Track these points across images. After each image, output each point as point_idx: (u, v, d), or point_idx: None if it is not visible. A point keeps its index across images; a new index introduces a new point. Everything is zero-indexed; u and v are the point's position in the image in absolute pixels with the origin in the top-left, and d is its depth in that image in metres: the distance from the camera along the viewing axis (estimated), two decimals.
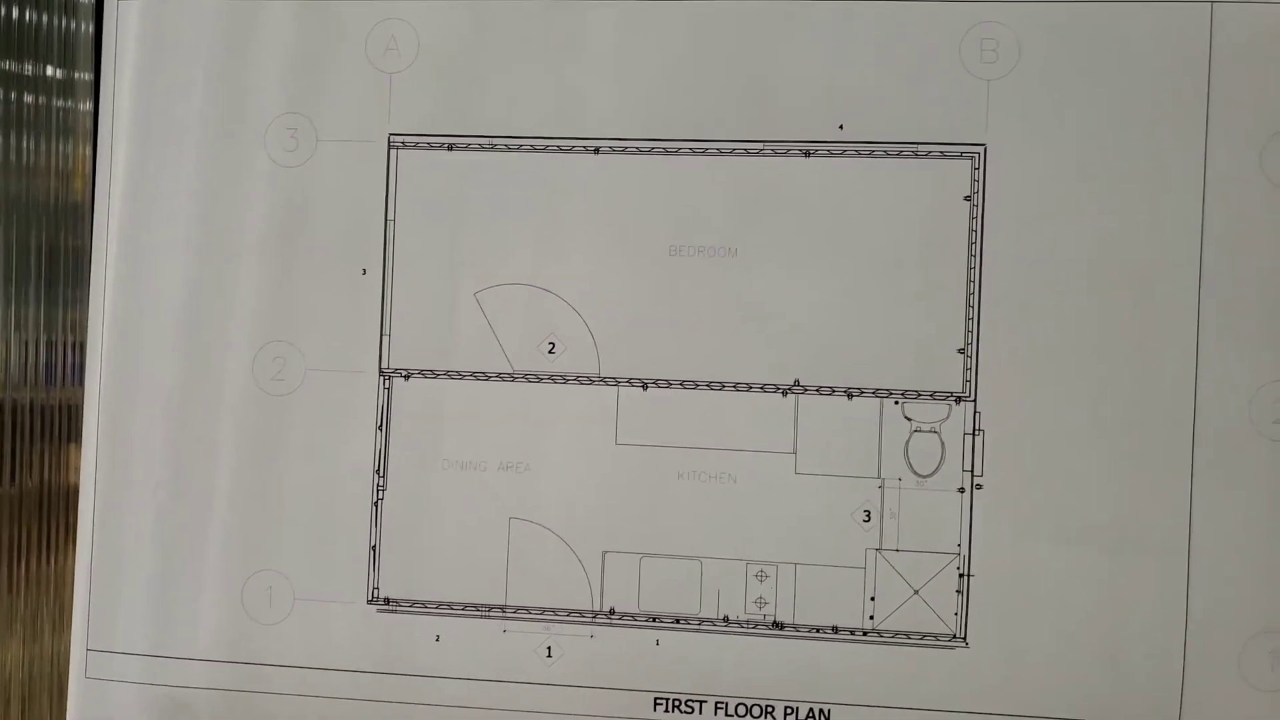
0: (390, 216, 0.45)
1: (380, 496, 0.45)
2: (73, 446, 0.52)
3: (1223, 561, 0.41)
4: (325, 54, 0.45)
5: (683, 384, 0.44)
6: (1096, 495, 0.42)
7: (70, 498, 0.51)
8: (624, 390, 0.44)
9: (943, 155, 0.43)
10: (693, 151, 0.44)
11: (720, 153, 0.44)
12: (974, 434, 0.42)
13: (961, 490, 0.42)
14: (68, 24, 0.52)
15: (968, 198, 0.42)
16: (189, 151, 0.46)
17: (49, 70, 0.51)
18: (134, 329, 0.46)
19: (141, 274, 0.46)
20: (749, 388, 0.44)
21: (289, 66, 0.45)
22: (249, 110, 0.45)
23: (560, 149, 0.44)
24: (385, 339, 0.45)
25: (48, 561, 0.52)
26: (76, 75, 0.52)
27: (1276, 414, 0.41)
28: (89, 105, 0.50)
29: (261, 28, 0.45)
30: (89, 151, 0.49)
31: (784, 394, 0.43)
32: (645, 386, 0.44)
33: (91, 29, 0.50)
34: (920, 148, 0.43)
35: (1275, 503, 0.41)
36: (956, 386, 0.43)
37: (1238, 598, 0.41)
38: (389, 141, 0.45)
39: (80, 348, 0.50)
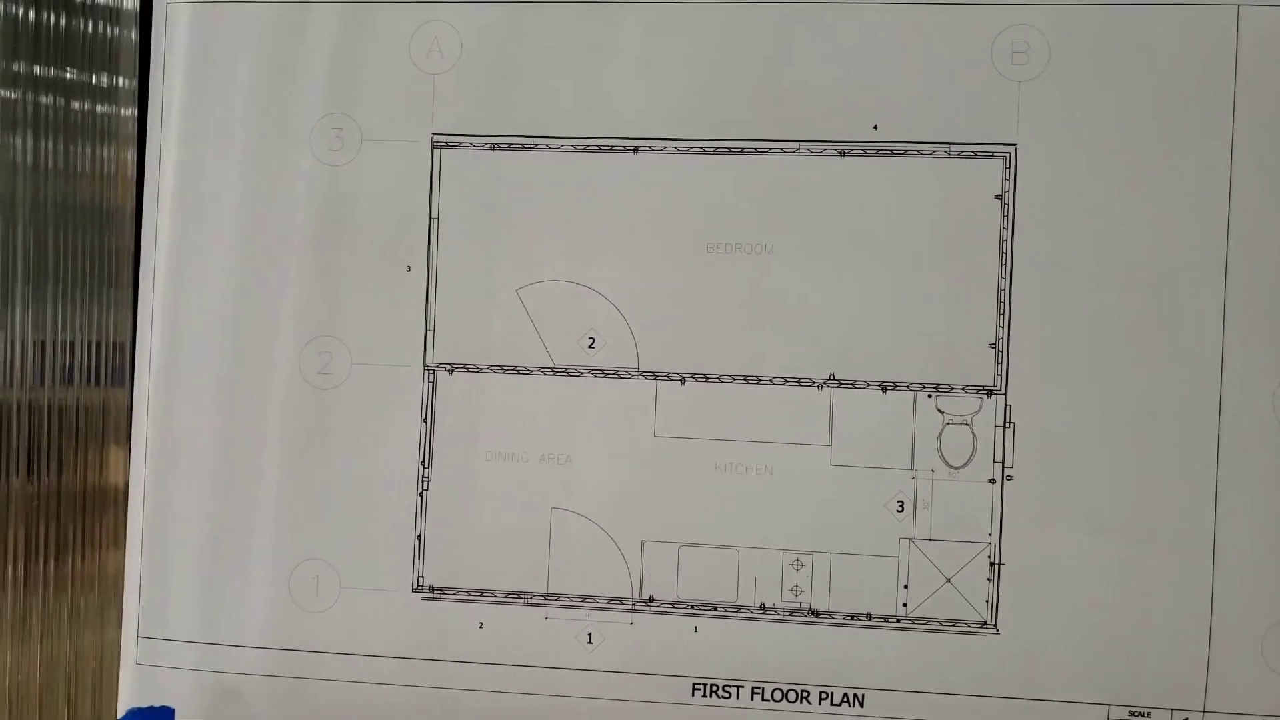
0: (434, 214, 0.46)
1: (425, 487, 0.46)
2: (114, 446, 0.53)
3: (1246, 550, 0.42)
4: (369, 56, 0.46)
5: (720, 378, 0.45)
6: (1123, 486, 0.43)
7: (111, 497, 0.52)
8: (662, 384, 0.45)
9: (974, 155, 0.44)
10: (729, 151, 0.45)
11: (756, 152, 0.45)
12: (1005, 426, 0.43)
13: (992, 481, 0.44)
14: (113, 31, 0.53)
15: (999, 196, 0.44)
16: (236, 152, 0.47)
17: (94, 77, 0.53)
18: (182, 327, 0.47)
19: (189, 273, 0.47)
20: (785, 381, 0.45)
21: (334, 68, 0.46)
22: (294, 111, 0.46)
23: (600, 149, 0.45)
24: (429, 334, 0.46)
25: (91, 559, 0.53)
26: (121, 81, 0.53)
27: None
28: (132, 110, 0.51)
29: (307, 31, 0.46)
30: (131, 156, 0.50)
31: (819, 388, 0.45)
32: (683, 380, 0.45)
33: (136, 36, 0.51)
34: (953, 147, 0.44)
35: None
36: (988, 380, 0.44)
37: (1261, 586, 0.42)
38: (433, 141, 0.46)
39: (122, 349, 0.51)
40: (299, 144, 0.46)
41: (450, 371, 0.46)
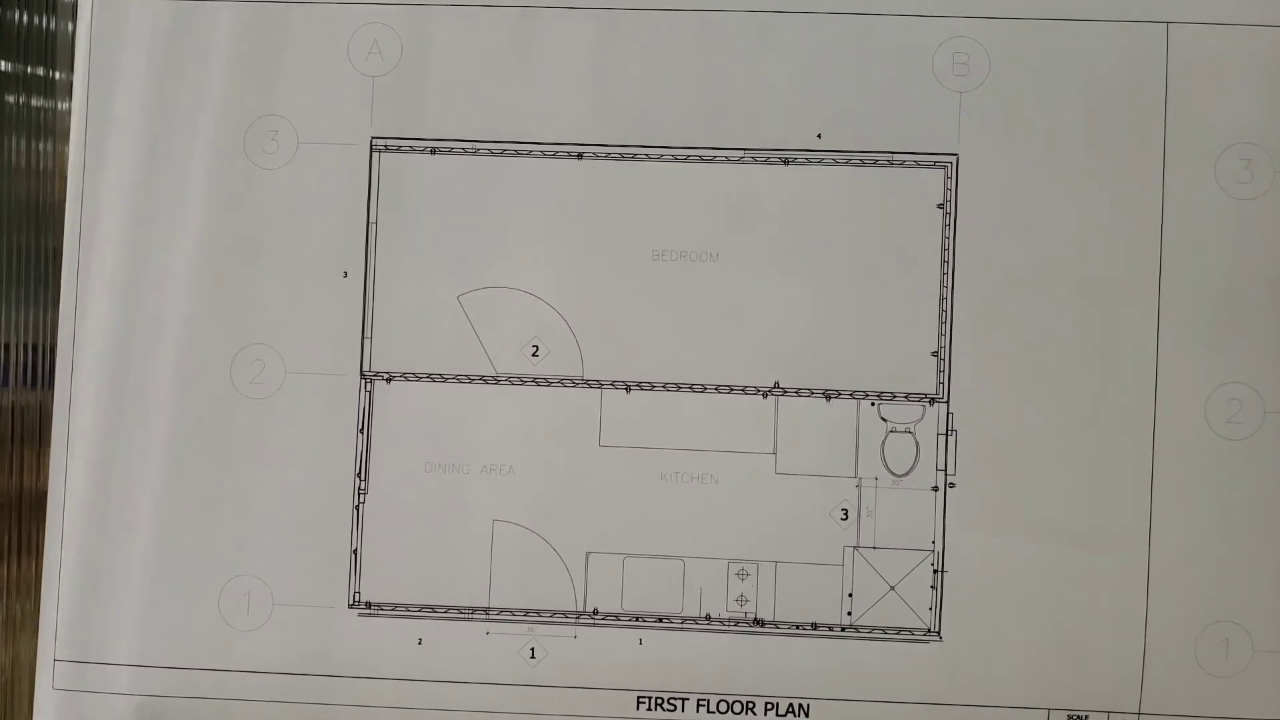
0: (372, 219, 0.45)
1: (361, 500, 0.45)
2: (47, 451, 0.50)
3: (1180, 555, 0.43)
4: (307, 56, 0.45)
5: (665, 386, 0.45)
6: (1062, 492, 0.44)
7: (42, 503, 0.50)
8: (607, 393, 0.45)
9: (917, 164, 0.44)
10: (675, 158, 0.45)
11: (702, 160, 0.45)
12: (947, 434, 0.44)
13: (935, 489, 0.44)
14: (49, 22, 0.51)
15: (940, 206, 0.44)
16: (166, 152, 0.45)
17: (29, 69, 0.50)
18: (108, 331, 0.45)
19: (116, 276, 0.45)
20: (730, 390, 0.45)
21: (269, 69, 0.45)
22: (229, 112, 0.45)
23: (544, 154, 0.45)
24: (367, 341, 0.45)
25: (16, 567, 0.50)
26: (57, 74, 0.51)
27: (1229, 414, 0.43)
28: (69, 105, 0.49)
29: (243, 29, 0.45)
30: (69, 151, 0.48)
31: (764, 396, 0.44)
32: (628, 389, 0.45)
33: (72, 28, 0.49)
34: (895, 157, 0.44)
35: (1228, 499, 0.43)
36: (930, 388, 0.44)
37: (1194, 590, 0.43)
38: (371, 144, 0.45)
39: (57, 351, 0.49)
40: (233, 146, 0.45)
41: (388, 380, 0.45)
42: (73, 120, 0.46)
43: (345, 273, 0.45)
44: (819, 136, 0.44)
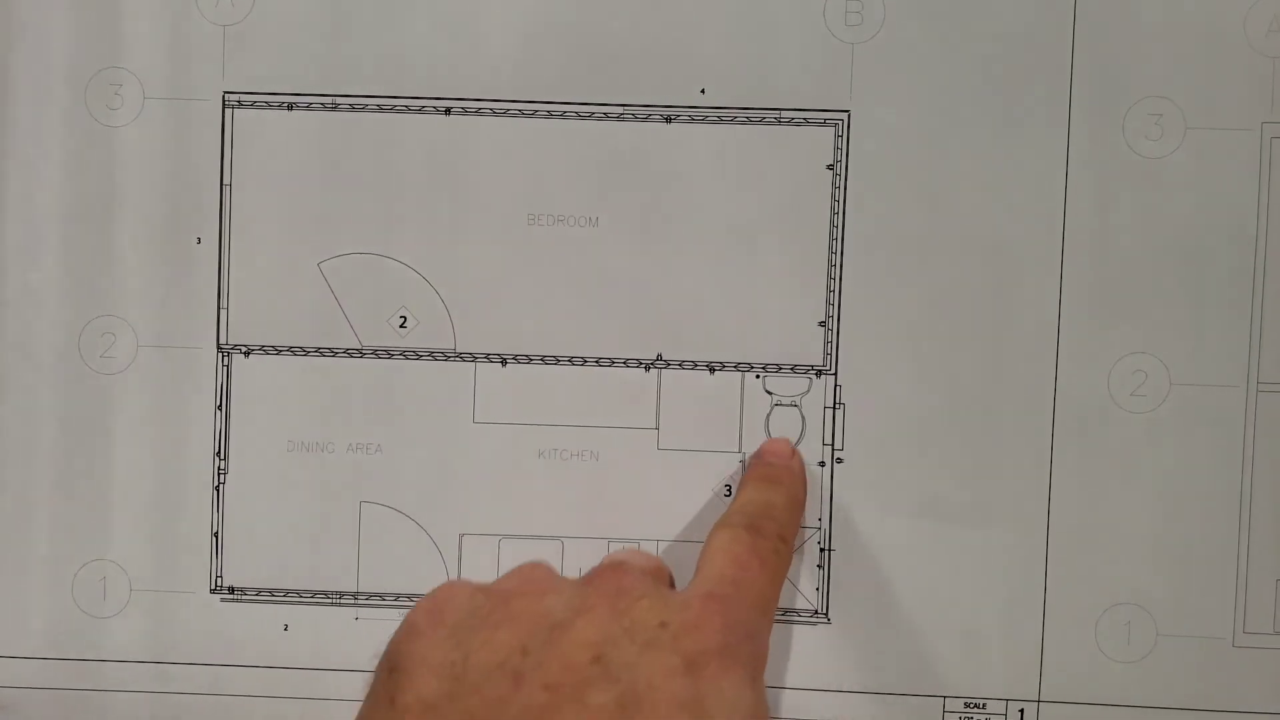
0: (226, 181, 0.42)
1: (222, 480, 0.42)
2: None
3: (1080, 534, 0.41)
4: (151, 4, 0.42)
5: (543, 359, 0.42)
6: (957, 469, 0.41)
7: None
8: (481, 366, 0.42)
9: (805, 122, 0.41)
10: (550, 115, 0.42)
11: (579, 117, 0.42)
12: (834, 408, 0.41)
13: (822, 464, 0.42)
14: None
15: (830, 166, 0.41)
16: (1, 109, 0.42)
17: None
18: None
19: None
20: (611, 363, 0.42)
21: (111, 15, 0.42)
22: (67, 65, 0.42)
23: (409, 109, 0.42)
24: (223, 312, 0.42)
25: None
26: None
27: (1134, 386, 0.41)
28: None
29: None
30: None
31: (646, 369, 0.42)
32: (504, 362, 0.42)
33: None
34: (783, 114, 0.41)
35: (1131, 474, 0.41)
36: (817, 360, 0.42)
37: (1095, 570, 0.41)
38: (224, 100, 0.42)
39: None
40: (73, 101, 0.42)
41: (246, 354, 0.42)
42: None
43: (199, 239, 0.42)
44: (702, 92, 0.41)
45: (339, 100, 0.42)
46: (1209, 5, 0.40)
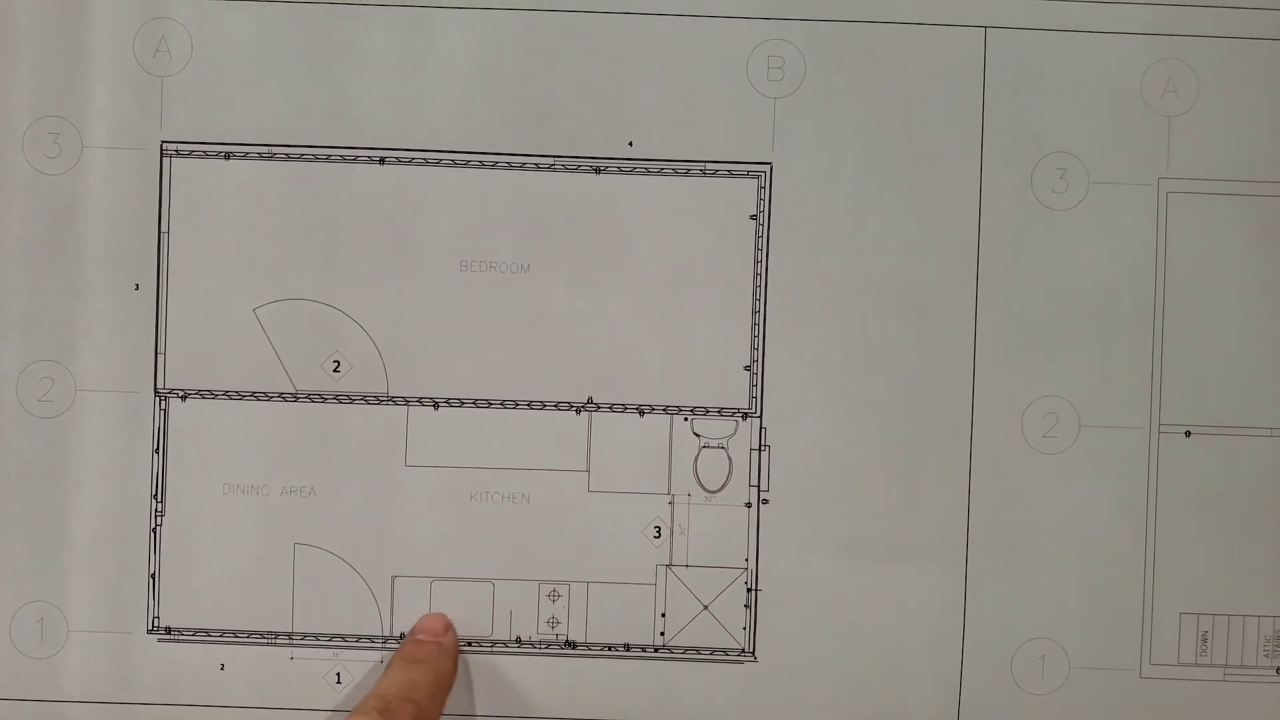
0: (164, 228, 0.43)
1: (158, 522, 0.43)
2: None
3: (997, 572, 0.43)
4: (88, 54, 0.42)
5: (475, 403, 0.43)
6: (879, 508, 0.43)
7: None
8: (414, 410, 0.43)
9: (730, 174, 0.43)
10: (481, 165, 0.43)
11: (510, 167, 0.43)
12: (760, 449, 0.43)
13: (749, 505, 0.43)
14: None
15: (754, 216, 0.43)
16: None
17: None
18: None
19: None
20: (542, 406, 0.43)
21: (48, 66, 0.42)
22: (5, 113, 0.42)
23: (344, 159, 0.43)
24: (160, 357, 0.43)
25: None
26: None
27: (1045, 428, 0.43)
28: None
29: (15, 20, 0.42)
30: None
31: (577, 412, 0.43)
32: (436, 406, 0.43)
33: None
34: (708, 167, 0.43)
35: (1043, 513, 0.43)
36: (743, 403, 0.43)
37: (1011, 606, 0.43)
38: (161, 149, 0.43)
39: None
40: (11, 149, 0.42)
41: (183, 398, 0.43)
42: None
43: (137, 285, 0.43)
44: (630, 144, 0.43)
45: (275, 150, 0.43)
46: (1109, 67, 0.42)
